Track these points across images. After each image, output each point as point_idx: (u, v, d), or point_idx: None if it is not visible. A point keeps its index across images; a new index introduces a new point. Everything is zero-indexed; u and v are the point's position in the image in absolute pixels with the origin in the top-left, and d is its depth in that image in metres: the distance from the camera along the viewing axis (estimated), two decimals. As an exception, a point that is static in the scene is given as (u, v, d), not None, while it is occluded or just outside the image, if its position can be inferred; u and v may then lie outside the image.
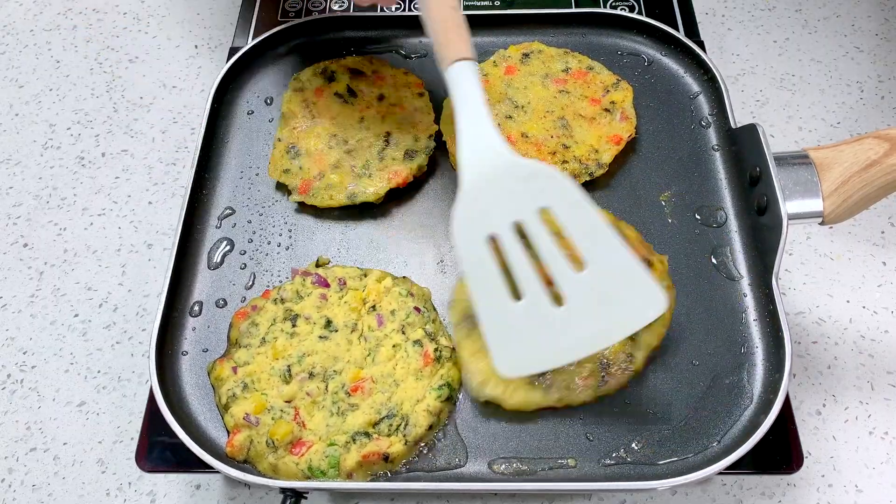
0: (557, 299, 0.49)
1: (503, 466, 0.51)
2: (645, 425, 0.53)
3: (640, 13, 0.79)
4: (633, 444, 0.52)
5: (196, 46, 0.89)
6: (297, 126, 0.67)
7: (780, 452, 0.53)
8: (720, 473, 0.55)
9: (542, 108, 0.67)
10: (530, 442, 0.52)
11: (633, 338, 0.53)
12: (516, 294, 0.49)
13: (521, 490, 0.52)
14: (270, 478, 0.51)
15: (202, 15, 0.92)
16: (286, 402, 0.53)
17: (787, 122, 0.80)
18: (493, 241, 0.50)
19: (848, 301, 0.68)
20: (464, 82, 0.53)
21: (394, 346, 0.54)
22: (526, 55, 0.70)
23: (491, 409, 0.54)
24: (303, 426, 0.52)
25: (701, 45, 0.76)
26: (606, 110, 0.66)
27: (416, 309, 0.56)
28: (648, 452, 0.52)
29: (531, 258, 0.49)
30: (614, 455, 0.52)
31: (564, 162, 0.63)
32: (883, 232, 0.72)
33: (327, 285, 0.57)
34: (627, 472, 0.51)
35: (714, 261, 0.60)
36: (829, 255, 0.71)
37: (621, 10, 0.76)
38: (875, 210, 0.73)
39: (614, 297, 0.48)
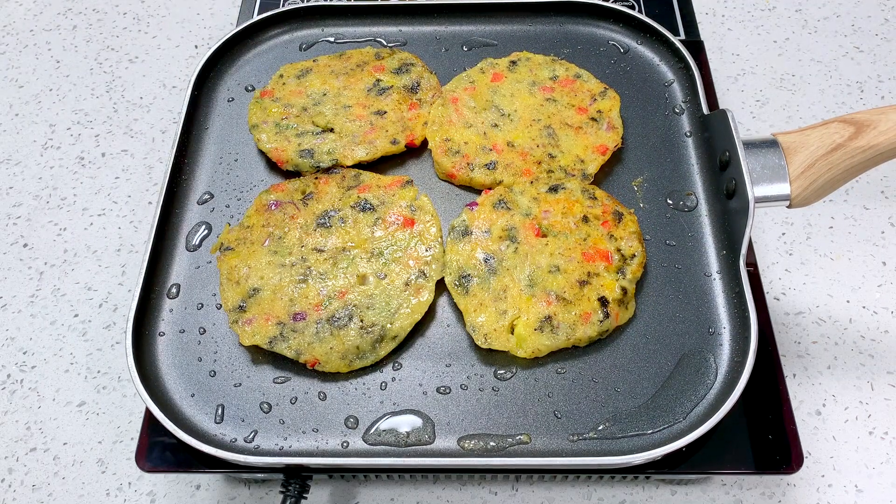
0: None
1: (471, 443, 0.52)
2: (612, 403, 0.53)
3: (640, 12, 0.79)
4: (600, 422, 0.53)
5: (196, 46, 0.89)
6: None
7: (780, 452, 0.53)
8: (719, 473, 0.56)
9: (528, 116, 0.66)
10: (499, 419, 0.53)
11: (622, 272, 0.56)
12: None
13: (489, 466, 0.52)
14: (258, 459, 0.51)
15: (202, 15, 0.92)
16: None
17: (787, 122, 0.80)
18: None
19: (848, 301, 0.68)
20: None
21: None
22: (513, 62, 0.70)
23: (459, 388, 0.55)
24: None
25: (699, 44, 0.76)
26: (593, 119, 0.66)
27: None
28: (615, 430, 0.52)
29: None
30: (581, 433, 0.52)
31: (550, 171, 0.63)
32: (883, 232, 0.72)
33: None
34: (594, 448, 0.52)
35: (685, 244, 0.60)
36: (829, 255, 0.71)
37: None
38: (875, 210, 0.73)
39: None
